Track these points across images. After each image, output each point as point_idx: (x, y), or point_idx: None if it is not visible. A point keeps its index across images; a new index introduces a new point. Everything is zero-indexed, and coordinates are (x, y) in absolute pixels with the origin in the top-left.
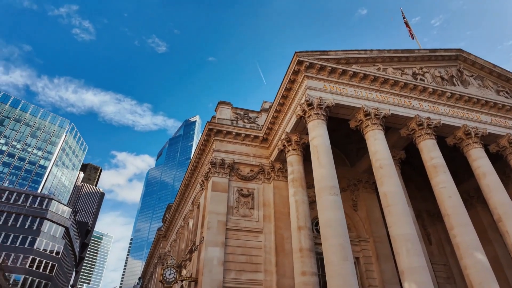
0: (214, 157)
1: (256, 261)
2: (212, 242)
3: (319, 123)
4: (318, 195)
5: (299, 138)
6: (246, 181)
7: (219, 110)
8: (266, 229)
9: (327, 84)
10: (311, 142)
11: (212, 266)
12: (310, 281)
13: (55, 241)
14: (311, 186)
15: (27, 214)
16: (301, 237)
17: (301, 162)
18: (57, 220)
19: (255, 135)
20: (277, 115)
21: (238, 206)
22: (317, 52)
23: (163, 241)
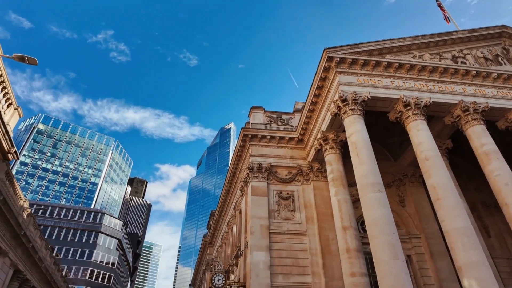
0: (251, 162)
1: (302, 263)
2: (257, 247)
3: (356, 119)
4: (361, 193)
5: (336, 136)
6: (285, 183)
7: (252, 115)
8: (309, 231)
9: (361, 78)
10: (349, 139)
11: (259, 270)
12: (360, 282)
13: (110, 253)
14: (353, 185)
15: (83, 229)
16: (347, 237)
17: (340, 161)
18: (111, 233)
19: (290, 137)
20: (311, 114)
21: (279, 209)
22: (346, 46)
23: (209, 247)
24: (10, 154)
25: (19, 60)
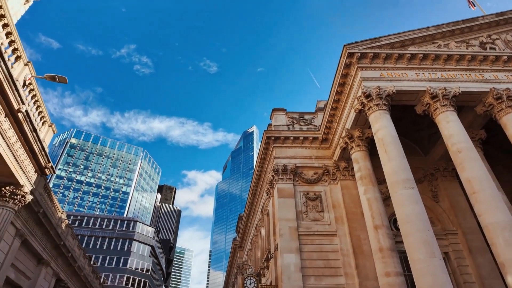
0: (276, 164)
1: (334, 265)
2: (286, 249)
3: (381, 114)
4: (391, 190)
5: (362, 133)
6: (312, 184)
7: (274, 117)
8: (340, 232)
9: (384, 72)
10: (376, 135)
11: (290, 272)
12: (395, 282)
13: (144, 260)
14: (382, 182)
15: (118, 237)
16: (379, 236)
17: (367, 158)
18: (144, 240)
19: (314, 137)
20: (334, 112)
21: (307, 210)
22: (367, 40)
23: (239, 251)
24: (47, 169)
25: (50, 79)
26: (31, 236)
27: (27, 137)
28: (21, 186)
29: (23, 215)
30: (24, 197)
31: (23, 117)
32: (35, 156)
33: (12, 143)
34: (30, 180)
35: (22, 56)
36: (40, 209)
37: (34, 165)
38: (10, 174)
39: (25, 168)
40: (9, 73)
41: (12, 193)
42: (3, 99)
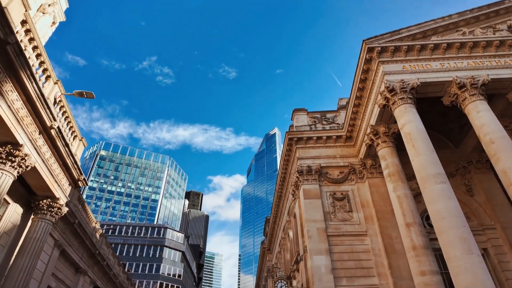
0: (300, 165)
1: (366, 265)
2: (316, 251)
3: (407, 108)
4: (422, 186)
5: (387, 128)
6: (338, 184)
7: (295, 118)
8: (370, 231)
9: (407, 64)
10: (402, 130)
11: (321, 274)
12: (431, 281)
13: (176, 265)
14: (412, 178)
15: (149, 244)
16: (411, 234)
17: (394, 154)
18: (174, 246)
19: (337, 135)
20: (357, 109)
21: (335, 210)
22: (386, 34)
23: (268, 254)
24: (80, 181)
25: (78, 95)
26: (69, 246)
27: (60, 152)
28: (57, 199)
29: (60, 226)
30: (60, 209)
31: (55, 133)
32: (68, 169)
33: (47, 159)
34: (65, 193)
35: (52, 75)
36: (76, 220)
37: (68, 178)
38: (46, 188)
39: (60, 182)
40: (41, 92)
41: (49, 206)
42: (36, 118)
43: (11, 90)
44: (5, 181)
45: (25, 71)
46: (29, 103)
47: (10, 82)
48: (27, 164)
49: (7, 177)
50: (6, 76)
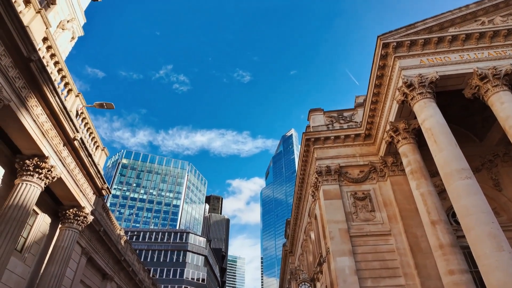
0: (318, 166)
1: (391, 265)
2: (339, 252)
3: (426, 103)
4: (446, 183)
5: (407, 124)
6: (358, 183)
7: (311, 118)
8: (394, 230)
9: (424, 58)
10: (422, 126)
11: (345, 276)
12: (461, 280)
13: (199, 270)
14: (435, 174)
15: (172, 249)
16: (437, 233)
17: (416, 150)
18: (197, 250)
19: (356, 134)
20: (375, 106)
21: (357, 211)
22: (402, 28)
23: (290, 256)
24: (103, 190)
25: (99, 107)
26: (95, 253)
27: (84, 162)
28: (83, 208)
29: (86, 234)
30: (86, 218)
31: (78, 145)
32: (92, 179)
33: (71, 169)
34: (90, 202)
35: (73, 88)
36: (101, 228)
37: (92, 187)
38: (72, 197)
39: (85, 191)
40: (63, 106)
41: (75, 215)
42: (60, 130)
43: (36, 105)
44: (33, 193)
45: (48, 86)
46: (53, 116)
47: (35, 97)
48: (53, 175)
49: (35, 189)
50: (30, 91)
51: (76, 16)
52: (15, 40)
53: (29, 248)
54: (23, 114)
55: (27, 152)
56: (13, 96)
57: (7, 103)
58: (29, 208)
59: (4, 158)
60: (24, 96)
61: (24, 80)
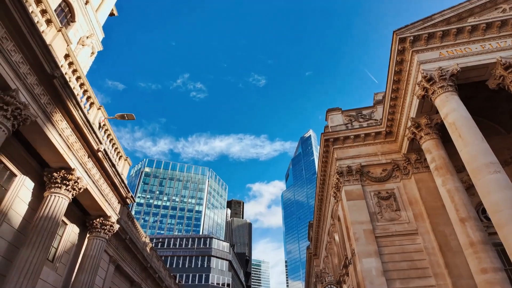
0: (339, 166)
1: (420, 265)
2: (364, 253)
3: (448, 96)
4: (474, 178)
5: (429, 119)
6: (382, 182)
7: (329, 118)
8: (421, 229)
9: (443, 51)
10: (445, 120)
11: (372, 277)
12: (495, 279)
13: (224, 274)
14: (462, 170)
15: (197, 255)
16: (467, 230)
17: (440, 146)
18: (221, 255)
19: (376, 132)
20: (394, 103)
21: (381, 210)
22: (418, 22)
23: (315, 259)
24: (127, 199)
25: (120, 118)
26: (122, 261)
27: (108, 173)
28: (109, 217)
29: (113, 243)
30: (112, 227)
31: (102, 156)
32: (116, 188)
33: (96, 180)
34: (115, 211)
35: (95, 102)
36: (127, 236)
37: (116, 197)
38: (98, 207)
39: (110, 200)
40: (86, 119)
41: (102, 224)
42: (84, 142)
43: (61, 120)
44: (62, 204)
45: (71, 100)
46: (77, 129)
47: (59, 112)
48: (80, 187)
49: (63, 200)
50: (55, 107)
51: (94, 32)
52: (39, 58)
53: (60, 258)
54: (49, 129)
55: (54, 165)
56: (39, 112)
57: (34, 119)
58: (58, 219)
59: (33, 172)
60: (49, 111)
61: (49, 96)
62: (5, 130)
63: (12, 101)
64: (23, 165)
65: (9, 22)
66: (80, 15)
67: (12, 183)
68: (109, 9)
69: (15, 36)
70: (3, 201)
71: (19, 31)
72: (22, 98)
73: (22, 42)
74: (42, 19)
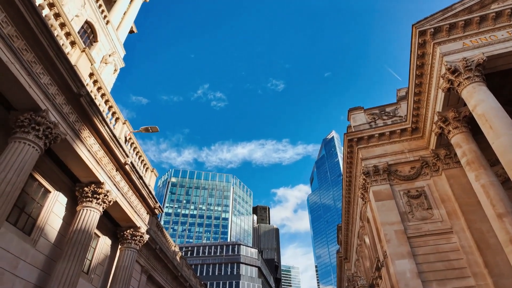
0: (365, 166)
1: (457, 265)
2: (397, 255)
3: (476, 87)
4: (510, 171)
5: (457, 113)
6: (411, 180)
7: (351, 118)
8: (456, 227)
9: (467, 40)
10: (474, 112)
11: (407, 280)
12: None
13: (254, 281)
14: (495, 163)
15: (226, 262)
16: (506, 226)
17: (470, 139)
18: (250, 262)
19: (402, 129)
20: (419, 98)
21: (412, 210)
22: (438, 13)
23: (346, 263)
24: (156, 209)
25: (145, 131)
26: (154, 270)
27: (136, 185)
28: (138, 227)
29: (144, 253)
30: (142, 237)
31: (130, 168)
32: (144, 199)
33: (125, 192)
34: (144, 221)
35: (120, 117)
36: (157, 246)
37: (145, 208)
38: (128, 219)
39: (139, 211)
40: (113, 134)
41: (132, 235)
42: (112, 156)
43: (89, 136)
44: (93, 217)
45: (97, 117)
46: (104, 144)
47: (87, 128)
48: (109, 199)
49: (95, 213)
50: (82, 124)
51: (116, 49)
52: (66, 79)
53: (94, 269)
54: (78, 145)
55: (85, 180)
56: (68, 130)
57: (64, 137)
58: (91, 231)
59: (65, 188)
60: (77, 128)
61: (77, 114)
62: (38, 149)
63: (43, 121)
64: (56, 182)
65: (38, 48)
66: (102, 34)
67: (46, 199)
68: (128, 27)
69: (43, 60)
70: (39, 217)
71: (47, 55)
72: (52, 117)
73: (50, 65)
74: (66, 41)
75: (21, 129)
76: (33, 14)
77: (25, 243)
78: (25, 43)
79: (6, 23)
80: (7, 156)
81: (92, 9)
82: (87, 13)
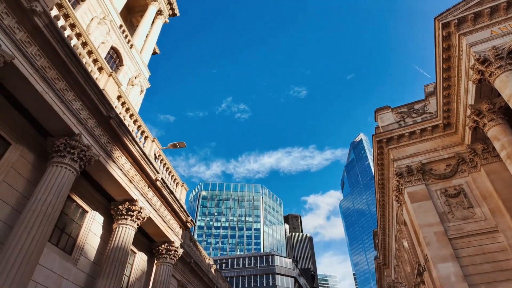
0: (397, 167)
1: (507, 266)
2: (439, 258)
3: (509, 76)
4: None
5: (491, 104)
6: (447, 179)
7: (379, 118)
8: (501, 225)
9: (495, 28)
10: (510, 102)
11: (452, 284)
12: None
13: None
14: None
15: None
16: None
17: (508, 131)
18: (284, 272)
19: (433, 125)
20: (448, 92)
21: (451, 209)
22: (460, 3)
23: (385, 269)
24: (188, 223)
25: (173, 147)
26: (190, 284)
27: (168, 200)
28: (172, 242)
29: (179, 267)
30: (176, 251)
31: (161, 184)
32: (177, 214)
33: (157, 208)
34: (178, 236)
35: (149, 135)
36: (191, 259)
37: (178, 222)
38: (162, 234)
39: (172, 226)
40: (143, 152)
41: (167, 250)
42: (143, 174)
43: (120, 156)
44: (129, 234)
45: (127, 137)
46: (135, 163)
47: (118, 149)
48: (143, 216)
49: (130, 230)
50: (114, 144)
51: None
52: (96, 103)
53: (133, 285)
54: (111, 165)
55: (119, 198)
56: (100, 151)
57: (97, 158)
58: (127, 248)
59: (102, 207)
60: (109, 149)
61: (107, 136)
62: (74, 172)
63: (77, 145)
64: (93, 201)
65: (69, 76)
66: (127, 58)
67: (84, 219)
68: (151, 49)
69: (74, 87)
70: (78, 236)
71: (77, 82)
72: (85, 140)
73: (80, 91)
74: (94, 67)
75: (58, 153)
76: (63, 46)
77: (67, 262)
78: (57, 73)
79: (39, 56)
80: (46, 179)
81: (117, 35)
82: (112, 39)
